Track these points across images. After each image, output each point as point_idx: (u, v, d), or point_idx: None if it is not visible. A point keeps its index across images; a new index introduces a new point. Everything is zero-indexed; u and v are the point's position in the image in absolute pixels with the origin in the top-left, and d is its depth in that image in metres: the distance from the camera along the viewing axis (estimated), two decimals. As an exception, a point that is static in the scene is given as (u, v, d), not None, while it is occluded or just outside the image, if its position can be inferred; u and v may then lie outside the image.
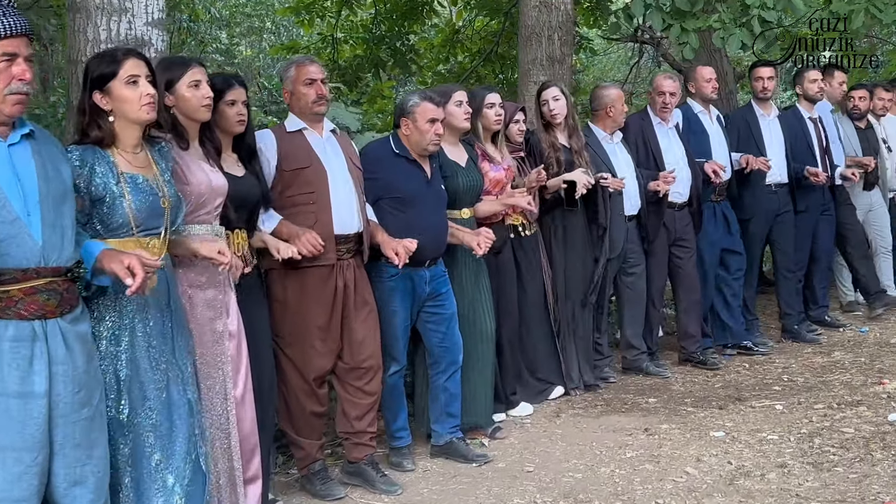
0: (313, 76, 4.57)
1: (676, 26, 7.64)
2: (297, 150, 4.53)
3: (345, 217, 4.53)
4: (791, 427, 5.29)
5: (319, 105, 4.59)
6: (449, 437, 5.14)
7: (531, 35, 8.04)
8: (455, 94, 5.28)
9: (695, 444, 5.11)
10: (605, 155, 6.41)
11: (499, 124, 5.67)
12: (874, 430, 5.08)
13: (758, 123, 7.37)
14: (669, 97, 6.69)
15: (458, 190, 5.23)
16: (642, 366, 6.71)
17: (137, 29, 5.13)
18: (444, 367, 5.11)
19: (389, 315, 4.84)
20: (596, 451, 5.13)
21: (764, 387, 6.24)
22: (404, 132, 4.93)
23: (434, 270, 5.00)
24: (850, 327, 7.80)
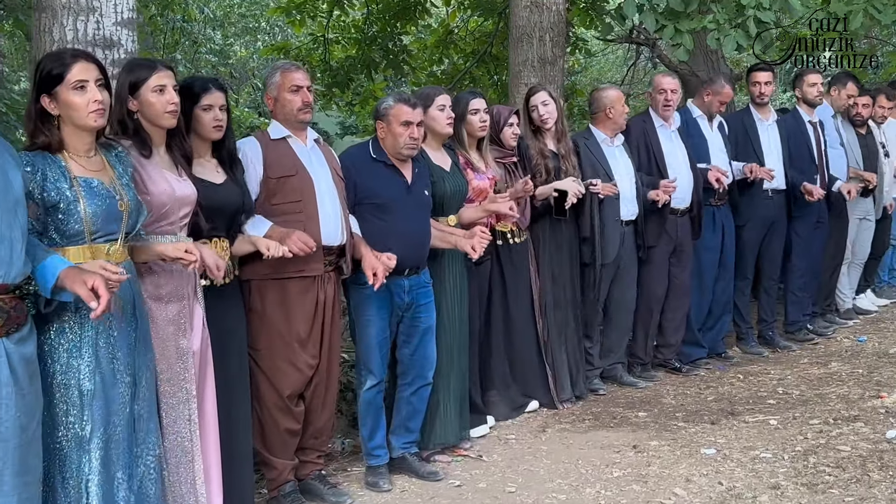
0: (299, 83, 4.44)
1: (670, 27, 7.41)
2: (282, 157, 4.40)
3: (330, 228, 4.41)
4: (785, 444, 5.08)
5: (305, 113, 4.47)
6: (401, 452, 4.97)
7: (522, 36, 7.84)
8: (438, 98, 5.09)
9: (685, 463, 4.91)
10: (604, 158, 6.25)
11: (483, 131, 5.48)
12: (871, 449, 4.87)
13: (755, 129, 7.21)
14: (671, 94, 6.54)
15: (445, 195, 5.07)
16: (618, 375, 6.56)
17: (106, 29, 4.95)
18: (410, 380, 4.94)
19: (364, 325, 4.70)
20: (582, 469, 4.92)
21: (758, 400, 6.03)
22: (380, 135, 4.78)
23: (415, 280, 4.82)
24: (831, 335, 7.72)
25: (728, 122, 7.23)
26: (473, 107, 5.42)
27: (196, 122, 4.00)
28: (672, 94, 6.54)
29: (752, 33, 7.25)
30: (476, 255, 4.86)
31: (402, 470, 4.94)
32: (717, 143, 6.95)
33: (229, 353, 4.11)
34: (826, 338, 7.65)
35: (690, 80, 10.85)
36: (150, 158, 3.69)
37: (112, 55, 5.02)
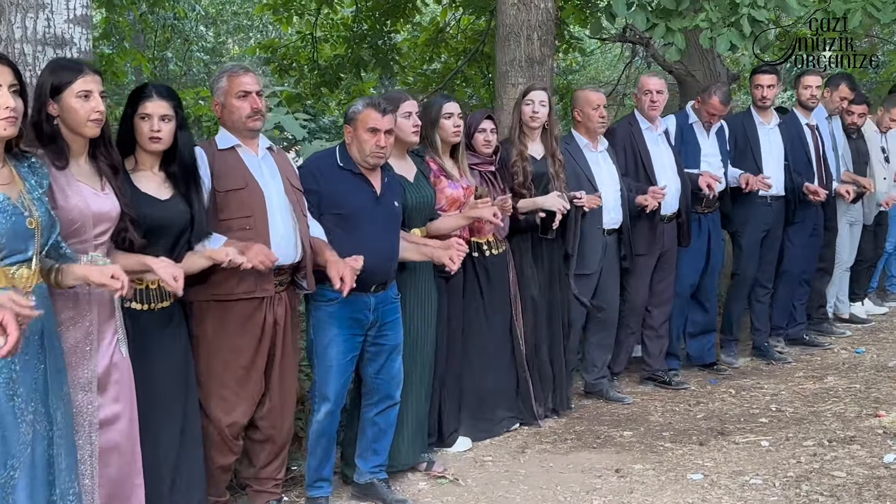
0: (247, 88, 4.11)
1: (661, 26, 7.10)
2: (230, 169, 4.08)
3: (282, 245, 4.08)
4: (777, 469, 4.79)
5: (255, 120, 4.14)
6: (370, 478, 4.66)
7: (509, 34, 7.53)
8: (403, 105, 4.79)
9: (669, 490, 4.61)
10: (587, 165, 5.94)
11: (457, 136, 5.15)
12: (868, 475, 4.58)
13: (756, 133, 6.96)
14: (656, 95, 6.25)
15: (406, 208, 4.72)
16: (603, 390, 6.27)
17: (57, 27, 4.67)
18: (376, 401, 4.62)
19: (324, 346, 4.38)
20: (560, 496, 4.63)
21: (750, 418, 5.74)
22: (347, 141, 4.46)
23: (381, 296, 4.49)
24: (828, 346, 7.43)
25: (729, 123, 6.94)
26: (447, 111, 5.12)
27: (135, 132, 3.74)
28: (658, 95, 6.25)
29: (746, 32, 6.95)
30: (455, 267, 4.58)
31: (370, 497, 4.64)
32: (712, 151, 6.69)
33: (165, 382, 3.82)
34: (823, 349, 7.38)
35: (686, 80, 10.55)
36: (65, 170, 3.38)
37: (64, 54, 4.74)
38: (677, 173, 6.35)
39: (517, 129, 5.70)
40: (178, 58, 17.99)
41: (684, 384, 6.53)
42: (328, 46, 12.36)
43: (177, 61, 17.85)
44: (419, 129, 4.88)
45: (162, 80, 16.06)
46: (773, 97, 7.05)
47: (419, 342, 4.90)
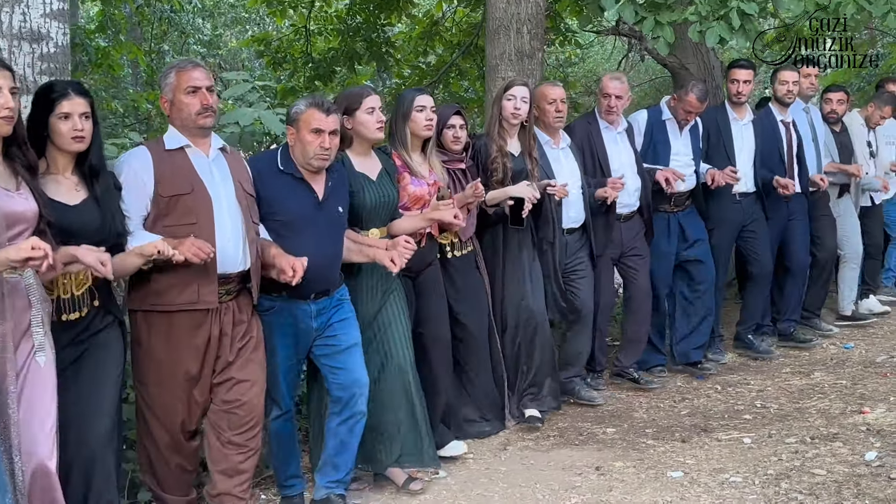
0: (197, 83, 3.93)
1: (650, 19, 7.03)
2: (177, 171, 3.90)
3: (230, 254, 3.92)
4: (757, 466, 4.76)
5: (205, 117, 3.94)
6: (325, 493, 4.44)
7: (499, 28, 7.50)
8: (366, 101, 4.62)
9: (649, 488, 4.58)
10: (547, 162, 5.77)
11: (429, 130, 4.99)
12: (848, 473, 4.55)
13: (729, 128, 6.83)
14: (615, 100, 6.07)
15: (364, 207, 4.60)
16: (574, 389, 6.09)
17: (33, 21, 4.68)
18: (339, 409, 4.41)
19: (269, 354, 4.23)
20: (539, 494, 4.60)
21: (734, 414, 5.71)
22: (290, 142, 4.28)
23: (323, 303, 4.33)
24: (816, 343, 7.29)
25: (702, 118, 6.78)
26: (419, 104, 4.96)
27: (53, 133, 3.56)
28: (616, 101, 6.09)
29: (736, 25, 6.89)
30: (396, 269, 4.35)
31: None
32: (683, 149, 6.55)
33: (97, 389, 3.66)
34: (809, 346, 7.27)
35: (680, 73, 10.46)
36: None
37: (40, 49, 4.74)
38: (637, 172, 6.23)
39: (496, 125, 5.56)
40: (174, 51, 17.92)
41: (653, 384, 6.39)
42: (322, 39, 12.32)
43: (173, 54, 17.77)
44: (383, 125, 4.72)
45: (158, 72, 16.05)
46: (749, 92, 6.92)
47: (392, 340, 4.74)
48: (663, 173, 6.20)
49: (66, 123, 3.56)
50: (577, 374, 6.12)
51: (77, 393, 3.59)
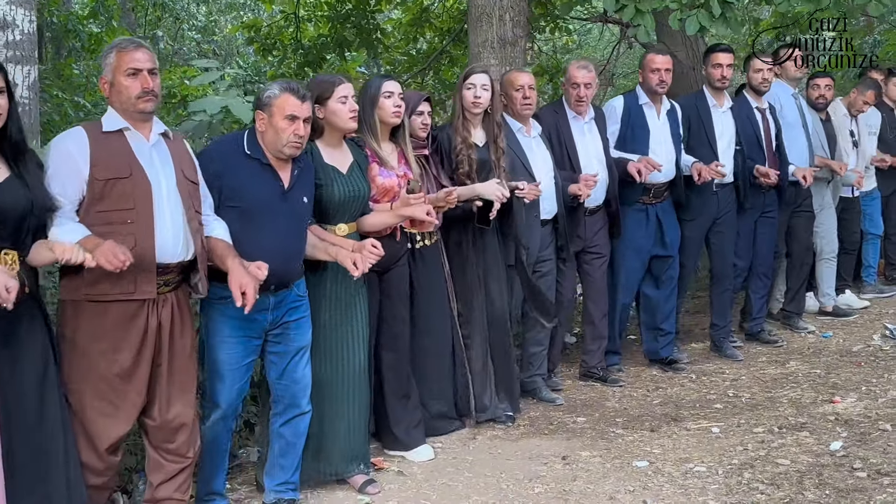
0: (138, 65, 3.71)
1: (630, 7, 7.02)
2: (114, 155, 3.66)
3: (167, 243, 3.71)
4: (723, 456, 4.77)
5: (145, 101, 3.73)
6: (274, 497, 4.34)
7: (481, 15, 7.49)
8: (338, 89, 4.44)
9: (612, 477, 4.59)
10: (521, 151, 5.65)
11: (398, 117, 4.82)
12: (812, 463, 4.56)
13: (710, 115, 6.61)
14: (584, 89, 5.92)
15: (332, 201, 4.44)
16: (536, 389, 5.96)
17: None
18: (282, 409, 4.31)
19: (215, 347, 4.06)
20: (503, 484, 4.61)
21: (705, 404, 5.71)
22: (259, 128, 4.10)
23: (282, 296, 4.17)
24: (781, 343, 7.06)
25: (682, 105, 6.63)
26: (387, 90, 4.78)
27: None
28: (586, 90, 5.93)
29: (716, 13, 6.87)
30: (357, 273, 4.13)
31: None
32: (663, 133, 6.34)
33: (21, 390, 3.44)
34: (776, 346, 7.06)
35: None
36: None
37: (6, 37, 4.75)
38: (605, 164, 6.06)
39: (459, 115, 5.40)
40: (169, 36, 17.93)
41: (620, 382, 6.28)
42: (312, 26, 12.29)
43: (167, 40, 17.77)
44: (357, 114, 4.54)
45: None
46: (732, 77, 6.77)
47: (351, 343, 4.60)
48: (635, 165, 5.96)
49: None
50: (539, 373, 6.01)
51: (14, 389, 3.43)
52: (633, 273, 6.43)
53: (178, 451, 3.90)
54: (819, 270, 7.79)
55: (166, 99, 12.00)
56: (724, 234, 6.75)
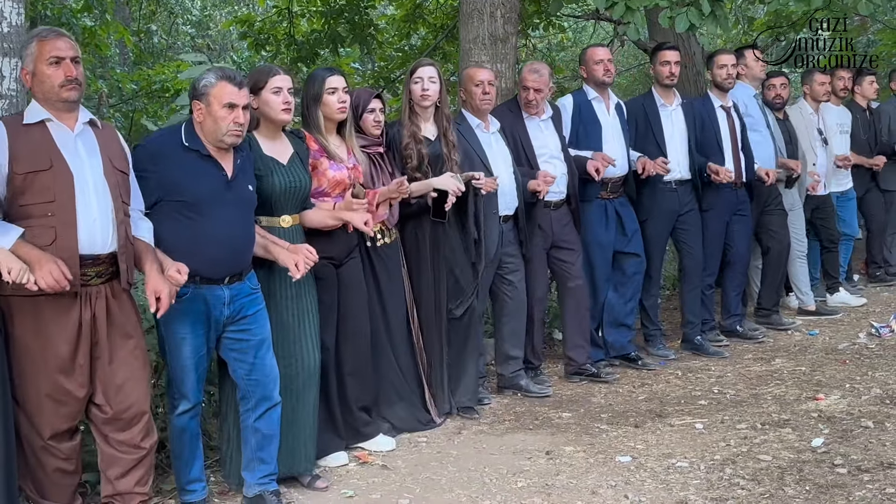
0: (60, 53, 3.64)
1: (621, 4, 7.02)
2: (35, 147, 3.58)
3: (95, 234, 3.62)
4: (705, 452, 4.80)
5: (69, 90, 3.64)
6: (258, 490, 4.30)
7: (472, 11, 7.48)
8: (273, 80, 4.40)
9: (595, 472, 4.62)
10: (480, 147, 5.66)
11: (343, 112, 4.81)
12: (793, 459, 4.59)
13: (657, 114, 6.64)
14: (534, 94, 5.92)
15: (273, 192, 4.39)
16: (521, 383, 5.98)
17: (-14, 0, 4.67)
18: (254, 404, 4.25)
19: (176, 344, 4.04)
20: (486, 478, 4.63)
21: (690, 400, 5.75)
22: (197, 118, 4.04)
23: (237, 288, 4.12)
24: (761, 338, 7.12)
25: (627, 107, 6.67)
26: (331, 85, 4.77)
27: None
28: (535, 94, 5.92)
29: (706, 12, 6.89)
30: (298, 275, 4.15)
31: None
32: (615, 127, 6.39)
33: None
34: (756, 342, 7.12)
35: (661, 58, 10.51)
36: None
37: None
38: (563, 159, 6.06)
39: (407, 110, 5.41)
40: (163, 31, 17.91)
41: (614, 375, 6.32)
42: (305, 21, 12.30)
43: (162, 34, 17.77)
44: (291, 107, 4.46)
45: (146, 53, 16.03)
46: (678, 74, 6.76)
47: (302, 341, 4.54)
48: (593, 163, 6.03)
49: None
50: (520, 368, 6.03)
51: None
52: (601, 268, 6.40)
53: (133, 441, 3.84)
54: (792, 270, 7.71)
55: (159, 93, 12.08)
56: (690, 231, 6.75)
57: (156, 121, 10.17)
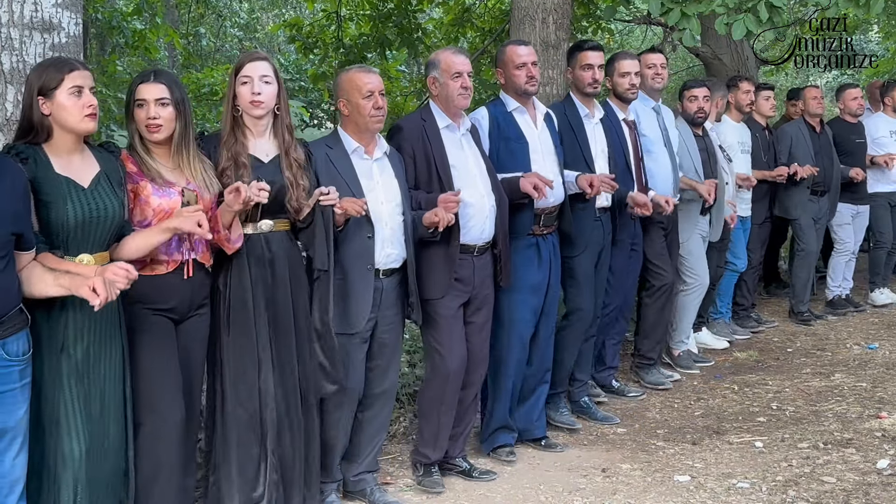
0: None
1: (676, 10, 6.95)
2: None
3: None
4: (766, 472, 4.68)
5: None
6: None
7: (524, 17, 7.40)
8: (70, 77, 3.39)
9: (653, 492, 4.52)
10: (354, 178, 4.24)
11: (157, 131, 3.71)
12: (858, 482, 4.46)
13: (582, 127, 5.41)
14: (467, 78, 4.59)
15: (67, 223, 3.32)
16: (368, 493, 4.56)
17: (45, 11, 4.63)
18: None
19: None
20: (542, 496, 4.54)
21: (748, 416, 5.62)
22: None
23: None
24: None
25: (554, 111, 5.32)
26: (140, 96, 3.72)
27: None
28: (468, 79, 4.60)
29: (763, 18, 6.78)
30: (97, 302, 3.00)
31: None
32: (545, 143, 5.02)
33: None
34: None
35: (713, 63, 10.37)
36: None
37: (52, 39, 4.72)
38: (491, 188, 4.62)
39: (228, 121, 4.01)
40: (211, 34, 18.01)
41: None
42: (353, 25, 12.28)
43: (210, 37, 17.86)
44: (95, 111, 3.43)
45: (195, 56, 16.12)
46: (601, 80, 5.58)
47: (102, 413, 3.42)
48: (528, 180, 4.63)
49: None
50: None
51: None
52: (526, 323, 4.97)
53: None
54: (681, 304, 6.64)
55: (208, 96, 12.12)
56: (603, 268, 5.60)
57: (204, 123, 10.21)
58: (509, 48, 5.04)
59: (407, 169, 4.48)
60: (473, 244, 4.57)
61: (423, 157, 4.51)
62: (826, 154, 7.89)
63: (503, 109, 4.99)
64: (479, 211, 4.55)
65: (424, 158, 4.51)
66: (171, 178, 3.73)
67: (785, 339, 7.44)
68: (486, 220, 4.57)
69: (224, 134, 3.99)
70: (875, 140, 8.41)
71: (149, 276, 3.63)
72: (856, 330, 7.60)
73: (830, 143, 7.96)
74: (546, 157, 4.99)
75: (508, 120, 4.95)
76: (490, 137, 4.90)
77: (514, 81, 4.96)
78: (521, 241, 4.89)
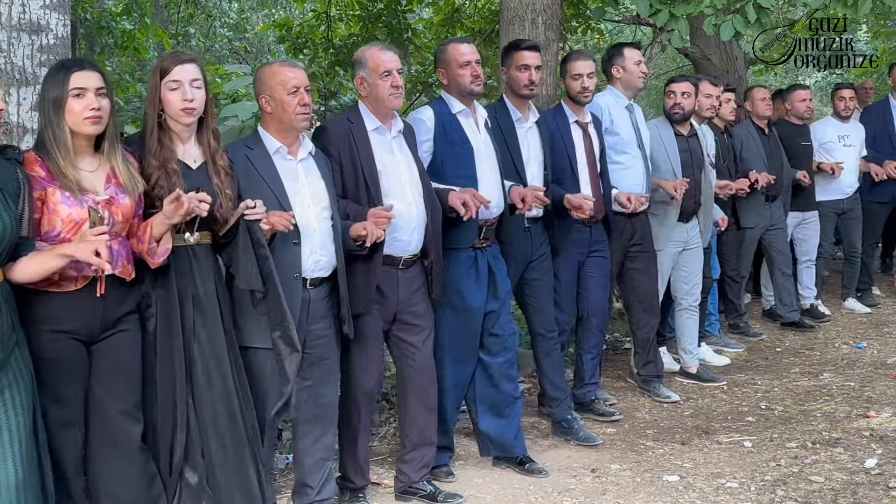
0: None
1: (664, 11, 6.98)
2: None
3: None
4: (755, 471, 4.70)
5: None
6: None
7: (514, 18, 7.42)
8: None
9: (642, 492, 4.53)
10: (278, 183, 3.95)
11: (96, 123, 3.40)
12: (846, 481, 4.48)
13: (513, 130, 5.08)
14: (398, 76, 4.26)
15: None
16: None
17: (33, 13, 4.68)
18: None
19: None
20: (532, 497, 4.55)
21: (737, 416, 5.64)
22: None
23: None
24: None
25: (489, 113, 5.00)
26: (76, 84, 3.38)
27: None
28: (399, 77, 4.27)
29: (752, 19, 6.81)
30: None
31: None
32: (487, 148, 4.76)
33: None
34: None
35: (702, 63, 10.41)
36: None
37: (40, 41, 4.73)
38: (422, 196, 4.35)
39: (153, 127, 3.69)
40: (200, 34, 17.97)
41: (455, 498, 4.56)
42: (343, 25, 12.28)
43: (199, 37, 17.82)
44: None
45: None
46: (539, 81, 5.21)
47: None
48: (459, 196, 4.32)
49: None
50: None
51: None
52: (468, 343, 4.72)
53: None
54: (678, 323, 6.50)
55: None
56: (541, 281, 5.23)
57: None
58: (451, 46, 4.74)
59: (333, 174, 4.19)
60: (399, 256, 4.28)
61: (350, 161, 4.20)
62: (776, 157, 7.55)
63: (448, 111, 4.70)
64: (407, 222, 4.26)
65: (351, 162, 4.20)
66: (88, 184, 3.37)
67: (774, 338, 7.46)
68: (413, 231, 4.29)
69: (148, 139, 3.67)
70: (822, 145, 8.09)
71: (55, 293, 3.29)
72: (844, 329, 7.63)
73: (779, 145, 7.62)
74: (489, 165, 4.71)
75: (453, 123, 4.67)
76: (435, 140, 4.64)
77: (458, 82, 4.67)
78: (461, 254, 4.64)
